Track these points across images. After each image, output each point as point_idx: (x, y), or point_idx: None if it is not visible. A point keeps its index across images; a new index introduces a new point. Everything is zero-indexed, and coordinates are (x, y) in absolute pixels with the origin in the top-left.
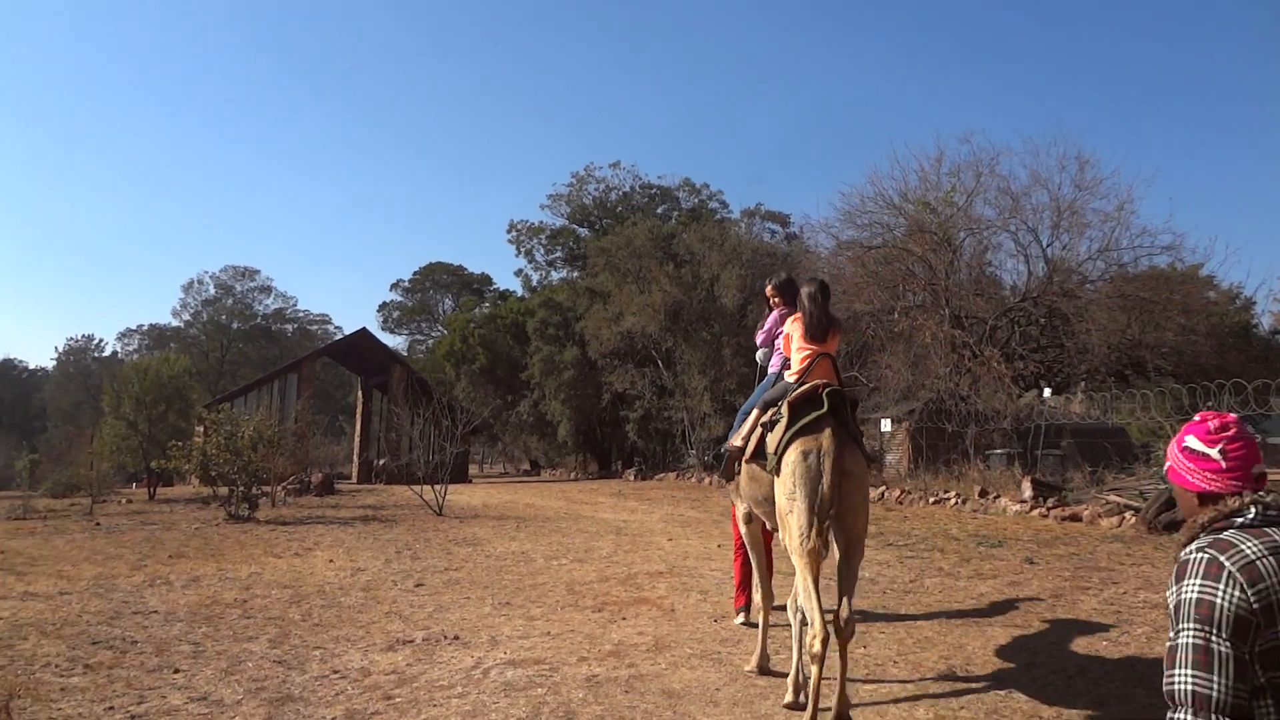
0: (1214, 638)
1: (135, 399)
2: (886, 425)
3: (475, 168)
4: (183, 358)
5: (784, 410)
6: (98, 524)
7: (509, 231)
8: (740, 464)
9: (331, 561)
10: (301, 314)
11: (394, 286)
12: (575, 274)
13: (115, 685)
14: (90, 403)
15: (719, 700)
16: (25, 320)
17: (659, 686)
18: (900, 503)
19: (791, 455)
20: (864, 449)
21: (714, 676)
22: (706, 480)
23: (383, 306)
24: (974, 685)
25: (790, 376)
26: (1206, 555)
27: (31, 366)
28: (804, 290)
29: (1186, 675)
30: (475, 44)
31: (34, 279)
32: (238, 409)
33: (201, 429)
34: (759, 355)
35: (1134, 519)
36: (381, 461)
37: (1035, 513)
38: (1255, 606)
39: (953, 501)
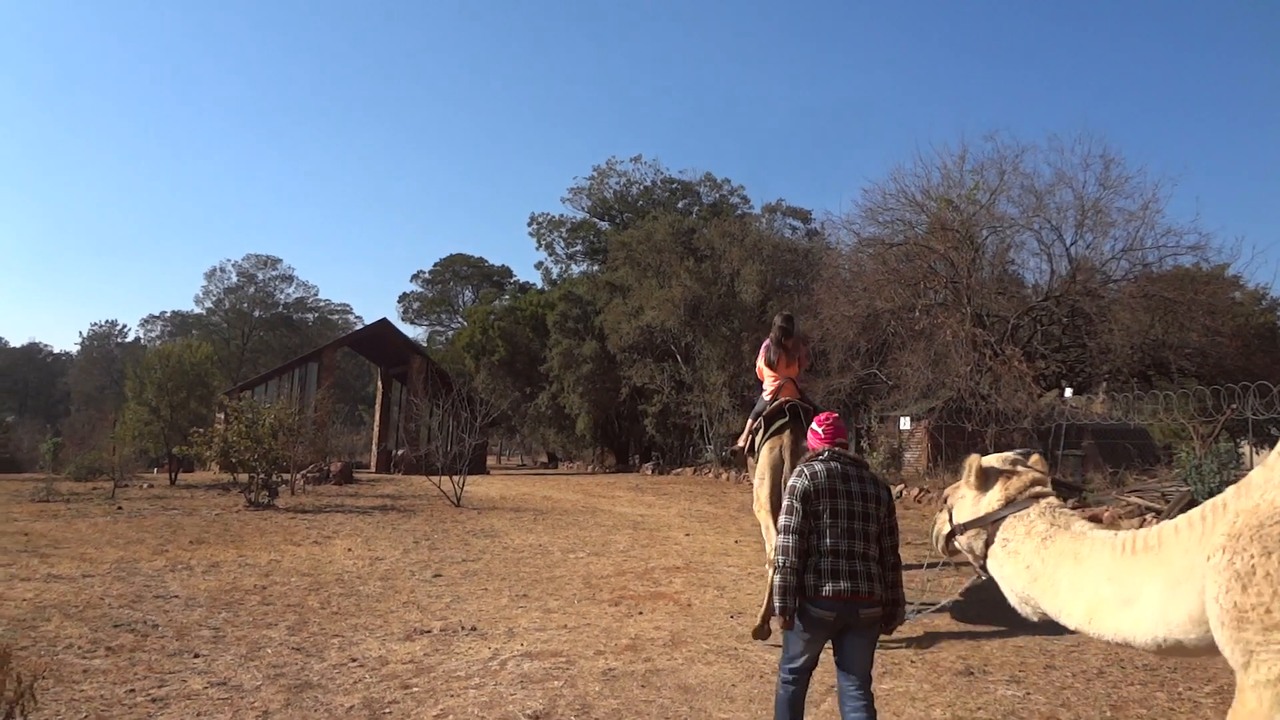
0: (795, 501)
1: (158, 385)
2: (905, 423)
3: (497, 160)
4: (205, 345)
5: (762, 421)
6: (119, 508)
7: (530, 224)
8: (745, 456)
9: (350, 550)
10: (322, 303)
11: (414, 277)
12: (595, 267)
13: (136, 668)
14: (113, 387)
15: (734, 696)
16: (51, 305)
17: (675, 681)
18: (918, 501)
19: (763, 450)
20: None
21: (730, 672)
22: (724, 476)
23: (403, 297)
24: (992, 686)
25: (766, 396)
26: (801, 467)
27: (56, 351)
28: (774, 327)
29: (784, 516)
30: (498, 36)
31: (59, 264)
32: (259, 397)
33: (223, 416)
34: None
35: (1155, 521)
36: (400, 451)
37: None
38: (811, 489)
39: None
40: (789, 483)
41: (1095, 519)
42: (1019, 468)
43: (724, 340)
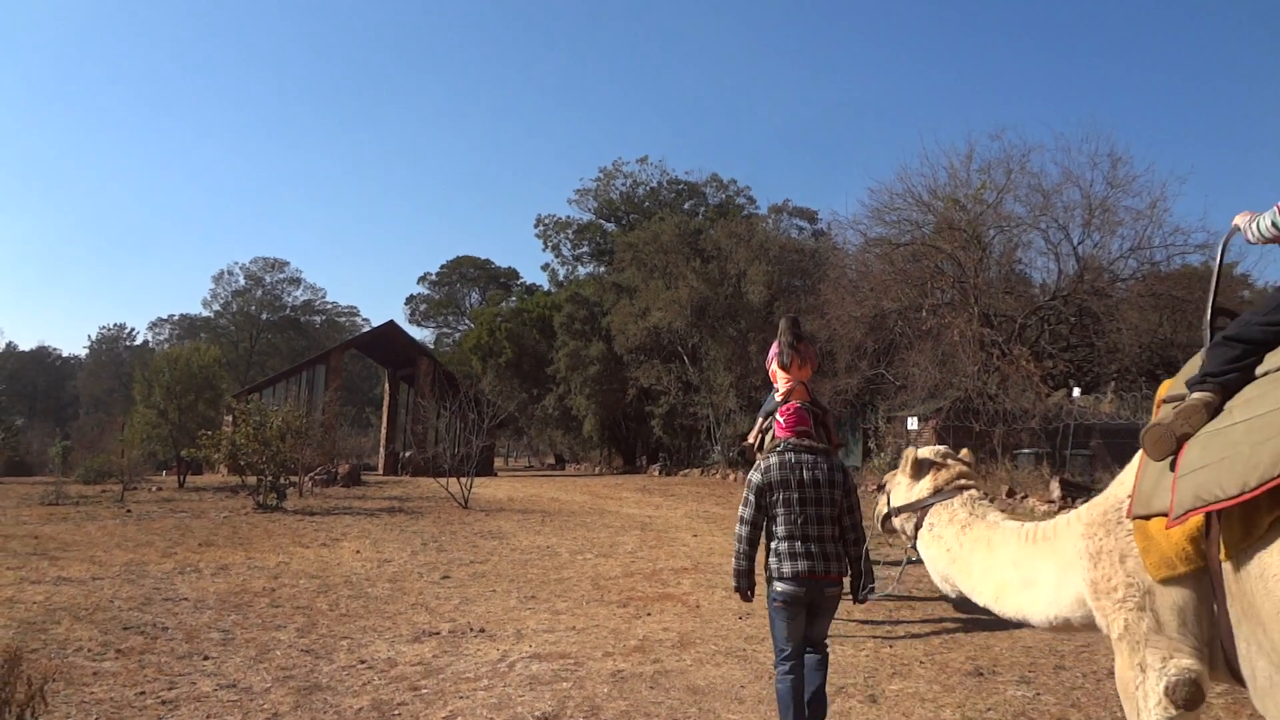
0: (750, 494)
1: (166, 388)
2: (913, 423)
3: (504, 162)
4: (213, 348)
5: (773, 420)
6: (128, 511)
7: (536, 226)
8: (754, 453)
9: (358, 552)
10: (330, 306)
11: (421, 279)
12: (602, 269)
13: (146, 671)
14: (122, 391)
15: (743, 697)
16: (59, 308)
17: (683, 682)
18: None
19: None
20: (825, 444)
21: (739, 673)
22: (731, 476)
23: (410, 299)
24: (1002, 686)
25: (778, 396)
26: (760, 461)
27: (65, 354)
28: (780, 333)
29: (740, 508)
30: (505, 38)
31: (68, 268)
32: (266, 399)
33: (230, 418)
34: None
35: None
36: (408, 453)
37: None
38: (764, 483)
39: None
40: (749, 476)
41: None
42: (949, 461)
43: (731, 341)
